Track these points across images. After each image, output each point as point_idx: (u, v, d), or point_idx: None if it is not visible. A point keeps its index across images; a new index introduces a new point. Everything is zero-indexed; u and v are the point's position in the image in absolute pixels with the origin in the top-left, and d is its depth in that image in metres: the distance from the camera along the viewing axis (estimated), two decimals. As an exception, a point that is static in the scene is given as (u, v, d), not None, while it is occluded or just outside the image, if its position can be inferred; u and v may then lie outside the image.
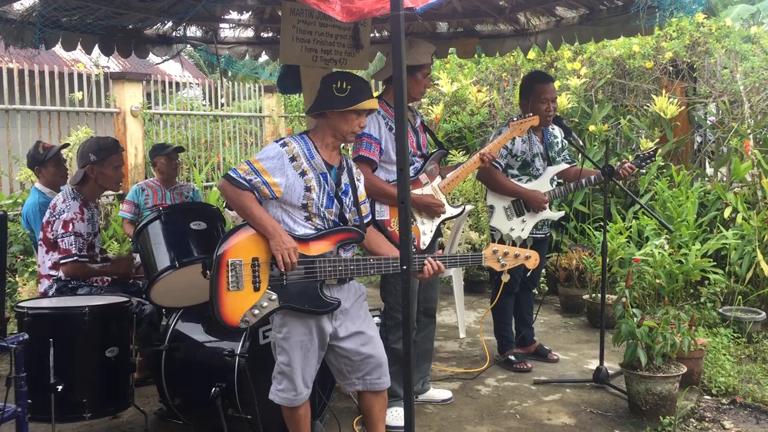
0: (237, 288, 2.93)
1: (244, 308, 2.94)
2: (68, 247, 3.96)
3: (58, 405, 3.24)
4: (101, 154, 4.13)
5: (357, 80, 3.09)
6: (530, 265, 3.21)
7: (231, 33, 5.74)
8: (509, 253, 3.16)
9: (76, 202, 4.05)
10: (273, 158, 2.99)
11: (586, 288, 6.06)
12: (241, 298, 2.93)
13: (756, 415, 3.99)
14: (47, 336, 3.24)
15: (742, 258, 5.73)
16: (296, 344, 3.03)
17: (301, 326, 3.02)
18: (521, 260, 3.18)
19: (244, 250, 2.95)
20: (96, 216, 4.23)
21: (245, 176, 2.97)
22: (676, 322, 4.00)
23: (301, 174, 3.00)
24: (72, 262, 3.96)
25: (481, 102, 8.07)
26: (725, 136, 6.80)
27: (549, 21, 5.28)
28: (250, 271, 2.94)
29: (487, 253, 3.16)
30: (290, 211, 3.03)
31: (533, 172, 4.61)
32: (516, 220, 4.52)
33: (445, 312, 6.31)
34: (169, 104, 9.86)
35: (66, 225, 3.97)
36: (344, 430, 3.69)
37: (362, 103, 3.02)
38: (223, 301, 2.93)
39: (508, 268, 3.19)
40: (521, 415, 3.99)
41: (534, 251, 3.23)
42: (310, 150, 3.07)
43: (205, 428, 3.70)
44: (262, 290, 2.96)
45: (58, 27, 4.34)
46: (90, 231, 4.11)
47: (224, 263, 2.92)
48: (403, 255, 2.52)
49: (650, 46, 7.42)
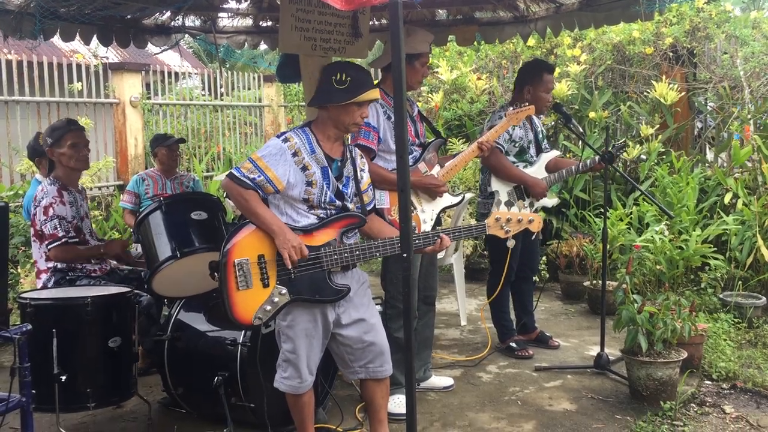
0: (246, 287, 2.93)
1: (255, 306, 2.94)
2: (53, 231, 3.93)
3: (62, 395, 3.26)
4: (54, 134, 4.12)
5: (357, 71, 3.07)
6: (534, 228, 3.26)
7: (229, 22, 5.72)
8: (512, 218, 3.20)
9: (53, 187, 4.04)
10: (275, 154, 2.99)
11: (587, 275, 6.07)
12: (251, 296, 2.94)
13: (756, 400, 4.01)
14: (50, 326, 3.25)
15: (743, 243, 5.73)
16: (301, 332, 3.04)
17: (306, 314, 3.04)
18: (525, 224, 3.23)
19: (249, 249, 2.95)
20: (80, 200, 4.20)
21: (249, 174, 2.97)
22: (677, 308, 4.00)
23: (303, 169, 3.00)
24: (60, 245, 3.93)
25: (481, 90, 8.05)
26: (726, 121, 6.79)
27: (548, 7, 5.25)
28: (257, 269, 2.95)
29: (490, 222, 3.20)
30: (292, 203, 3.03)
31: (529, 159, 4.63)
32: (519, 203, 4.53)
33: (446, 300, 6.33)
34: (168, 94, 9.84)
35: (46, 210, 3.95)
36: (347, 417, 3.72)
37: (363, 95, 3.00)
38: (234, 301, 2.92)
39: (512, 233, 3.23)
40: (522, 402, 4.01)
41: (536, 214, 3.29)
42: (311, 144, 3.06)
43: (208, 417, 3.72)
44: (271, 286, 2.96)
45: (57, 17, 4.32)
46: (75, 214, 4.09)
47: (231, 263, 2.92)
48: (403, 243, 2.53)
49: (650, 32, 7.39)
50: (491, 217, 3.18)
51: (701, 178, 6.51)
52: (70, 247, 3.97)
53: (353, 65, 3.16)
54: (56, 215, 3.95)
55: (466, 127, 7.92)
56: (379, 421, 3.28)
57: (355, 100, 2.99)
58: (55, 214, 3.95)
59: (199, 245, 3.65)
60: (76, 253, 4.01)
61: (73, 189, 4.18)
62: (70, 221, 4.02)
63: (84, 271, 4.09)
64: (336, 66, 3.14)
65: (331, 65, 3.21)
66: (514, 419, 3.77)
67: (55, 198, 3.98)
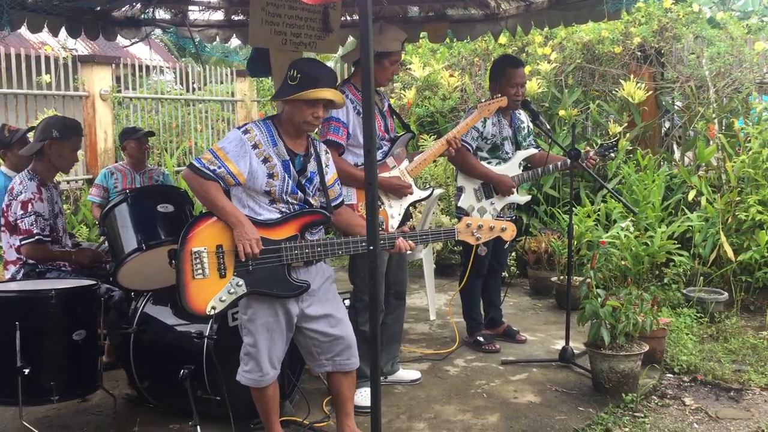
0: (203, 275, 2.93)
1: (210, 295, 2.93)
2: (29, 228, 3.91)
3: (25, 388, 3.24)
4: (65, 132, 4.09)
5: (312, 68, 3.02)
6: (507, 237, 3.21)
7: (200, 15, 5.69)
8: (483, 225, 3.16)
9: (33, 182, 4.01)
10: (236, 146, 2.98)
11: (555, 270, 6.16)
12: (206, 286, 2.93)
13: (716, 392, 4.10)
14: (14, 319, 3.24)
15: (706, 240, 5.85)
16: (262, 326, 3.05)
17: (267, 308, 3.04)
18: (497, 232, 3.18)
19: (209, 239, 2.95)
20: (56, 197, 4.19)
21: (209, 166, 2.95)
22: (639, 302, 4.08)
23: (264, 161, 3.00)
24: (34, 243, 3.92)
25: (453, 87, 8.10)
26: (692, 120, 6.91)
27: (519, 5, 5.30)
28: (215, 258, 2.94)
29: (461, 227, 3.17)
30: (254, 196, 3.03)
31: (503, 156, 4.66)
32: (485, 202, 4.57)
33: (416, 295, 6.37)
34: (140, 88, 9.75)
35: (24, 205, 3.93)
36: (314, 410, 3.73)
37: (308, 92, 2.93)
38: (189, 289, 2.92)
39: (483, 241, 3.19)
40: (488, 394, 4.05)
41: (510, 222, 3.27)
42: (273, 136, 3.05)
43: (174, 410, 3.71)
44: (228, 277, 2.96)
45: (24, 8, 4.27)
46: (51, 211, 4.07)
47: (188, 251, 2.92)
48: (370, 235, 2.55)
49: (619, 32, 7.48)
50: (462, 222, 3.16)
51: (667, 176, 6.61)
52: (42, 246, 3.96)
53: (314, 63, 3.13)
54: (34, 212, 3.93)
55: (438, 124, 7.97)
56: (346, 414, 3.31)
57: (298, 96, 2.94)
58: (34, 210, 3.93)
59: (165, 238, 3.64)
60: (46, 252, 4.00)
61: (50, 184, 4.15)
62: (46, 219, 4.00)
63: (54, 264, 4.06)
64: (295, 62, 3.11)
65: (294, 61, 3.15)
66: (479, 411, 3.82)
67: (35, 194, 3.96)
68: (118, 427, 3.65)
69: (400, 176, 3.93)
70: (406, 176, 3.97)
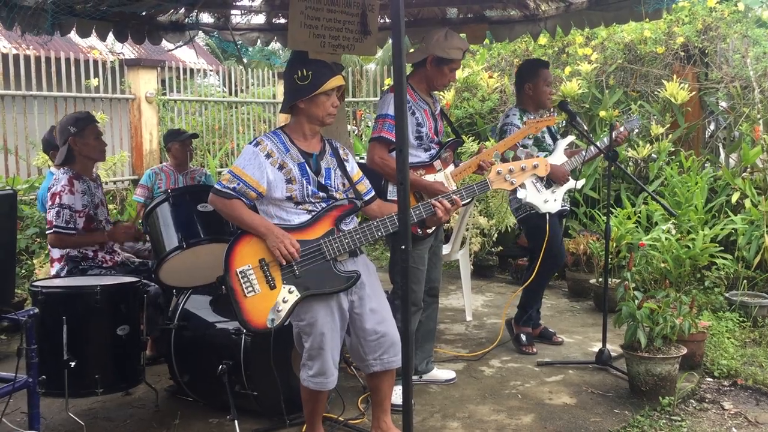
0: (254, 292, 2.98)
1: (266, 309, 2.97)
2: (51, 219, 4.05)
3: (71, 381, 3.36)
4: (79, 124, 4.22)
5: (315, 64, 3.16)
6: (541, 172, 3.15)
7: (242, 19, 5.81)
8: (514, 168, 3.09)
9: (65, 176, 4.14)
10: (249, 160, 3.06)
11: (594, 272, 6.10)
12: (260, 301, 2.98)
13: (756, 397, 4.03)
14: (60, 314, 3.36)
15: (750, 243, 5.73)
16: (322, 327, 3.08)
17: (323, 309, 3.07)
18: (530, 170, 3.11)
19: (249, 256, 3.01)
20: (94, 188, 4.29)
21: (229, 185, 3.04)
22: (678, 305, 4.03)
23: (279, 168, 3.07)
24: (51, 233, 4.05)
25: (492, 88, 8.09)
26: (737, 121, 6.77)
27: (558, 6, 5.29)
28: (261, 273, 2.99)
29: (492, 176, 3.13)
30: (280, 204, 3.09)
31: (547, 148, 4.70)
32: (546, 192, 4.58)
33: (453, 296, 6.38)
34: (184, 91, 9.97)
35: (53, 197, 4.07)
36: (348, 407, 3.78)
37: (326, 84, 3.06)
38: (245, 308, 2.97)
39: (518, 183, 3.15)
40: (523, 395, 4.05)
41: (540, 158, 3.21)
42: (284, 143, 3.14)
43: (213, 404, 3.80)
44: (278, 287, 3.00)
45: (72, 14, 4.42)
46: (87, 203, 4.18)
47: (233, 273, 2.98)
48: (402, 235, 2.58)
49: (662, 31, 7.38)
50: (492, 171, 3.10)
51: (711, 178, 6.50)
52: (59, 237, 4.06)
53: (310, 60, 3.26)
54: (60, 203, 4.06)
55: (477, 126, 7.96)
56: (383, 411, 3.34)
57: (320, 91, 3.05)
58: (60, 202, 4.06)
59: (204, 236, 3.74)
60: (66, 242, 4.10)
61: (87, 177, 4.28)
62: (78, 210, 4.11)
63: (96, 261, 4.19)
64: (295, 65, 3.19)
65: (290, 67, 3.24)
66: (513, 412, 3.82)
67: (65, 186, 4.09)
68: (160, 421, 3.75)
69: (444, 181, 3.96)
70: (449, 180, 3.99)
